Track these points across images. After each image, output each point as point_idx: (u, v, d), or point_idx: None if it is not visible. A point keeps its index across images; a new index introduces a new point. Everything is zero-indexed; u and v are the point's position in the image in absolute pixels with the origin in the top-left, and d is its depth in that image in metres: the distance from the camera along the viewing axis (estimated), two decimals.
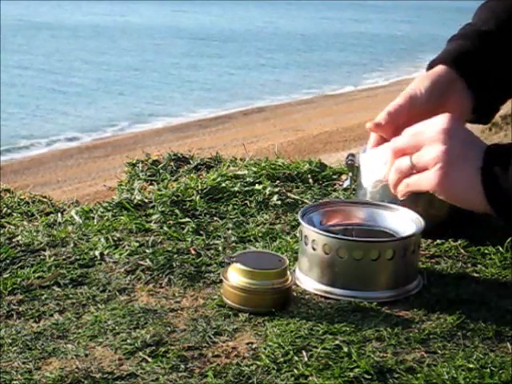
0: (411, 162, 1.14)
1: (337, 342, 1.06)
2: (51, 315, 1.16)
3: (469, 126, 1.26)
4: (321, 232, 1.21)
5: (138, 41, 26.16)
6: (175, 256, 1.33)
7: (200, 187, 1.63)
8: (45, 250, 1.37)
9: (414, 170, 1.14)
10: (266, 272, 1.16)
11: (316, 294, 1.20)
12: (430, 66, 1.34)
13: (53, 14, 33.64)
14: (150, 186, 1.77)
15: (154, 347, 1.06)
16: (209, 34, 28.46)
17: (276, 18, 35.71)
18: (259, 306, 1.15)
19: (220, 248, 1.37)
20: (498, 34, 1.32)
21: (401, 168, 1.16)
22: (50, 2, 36.66)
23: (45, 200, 1.76)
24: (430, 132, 1.13)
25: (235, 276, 1.16)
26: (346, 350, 1.04)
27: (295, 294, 1.20)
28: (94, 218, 1.52)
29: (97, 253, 1.36)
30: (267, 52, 24.35)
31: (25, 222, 1.58)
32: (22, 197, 1.78)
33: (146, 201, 1.59)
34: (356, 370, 1.00)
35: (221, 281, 1.20)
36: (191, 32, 28.83)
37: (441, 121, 1.13)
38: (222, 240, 1.41)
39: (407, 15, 37.19)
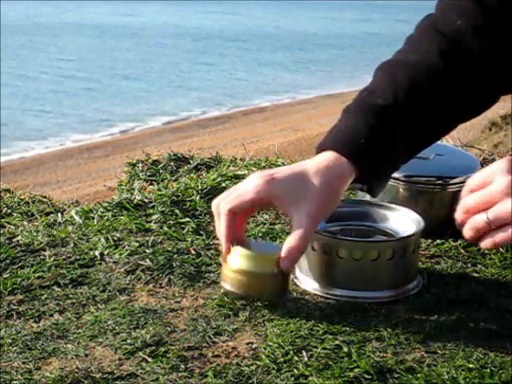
0: (488, 218, 1.08)
1: (337, 342, 1.06)
2: (51, 315, 1.16)
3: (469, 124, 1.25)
4: (320, 232, 1.21)
5: (139, 40, 26.17)
6: (175, 256, 1.33)
7: (200, 187, 1.63)
8: (45, 250, 1.37)
9: (491, 225, 1.08)
10: (266, 257, 1.16)
11: (316, 294, 1.20)
12: (322, 149, 1.20)
13: (54, 14, 33.67)
14: (150, 186, 1.77)
15: (154, 347, 1.06)
16: (210, 34, 28.47)
17: (277, 18, 35.70)
18: (258, 292, 1.15)
19: (220, 248, 1.37)
20: (394, 108, 1.20)
21: (477, 226, 1.10)
22: (51, 2, 36.68)
23: (45, 200, 1.76)
24: (499, 184, 1.07)
25: (236, 259, 1.16)
26: (345, 349, 1.04)
27: (295, 294, 1.21)
28: (94, 217, 1.52)
29: (97, 253, 1.36)
30: (267, 52, 24.35)
31: (25, 222, 1.58)
32: (22, 197, 1.77)
33: (146, 201, 1.59)
34: (356, 369, 1.00)
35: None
36: (193, 32, 28.84)
37: (505, 169, 1.08)
38: None
39: (410, 15, 37.20)
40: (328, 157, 1.18)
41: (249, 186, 1.16)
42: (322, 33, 29.83)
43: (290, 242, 1.15)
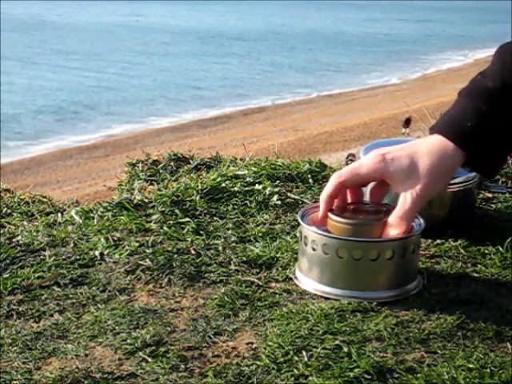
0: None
1: (337, 342, 1.06)
2: (51, 315, 1.16)
3: None
4: (320, 232, 1.21)
5: (141, 40, 26.18)
6: (175, 256, 1.33)
7: (200, 187, 1.63)
8: (45, 250, 1.38)
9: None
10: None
11: (316, 294, 1.20)
12: (432, 132, 1.26)
13: (57, 14, 33.75)
14: (150, 186, 1.77)
15: (154, 347, 1.06)
16: (212, 33, 28.48)
17: (279, 17, 35.71)
18: None
19: (220, 248, 1.37)
20: (502, 92, 1.22)
21: None
22: (55, 2, 36.73)
23: (45, 200, 1.76)
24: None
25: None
26: (345, 350, 1.04)
27: (295, 295, 1.21)
28: (94, 217, 1.52)
29: (97, 253, 1.36)
30: (268, 51, 24.35)
31: (25, 222, 1.58)
32: (22, 197, 1.78)
33: (146, 201, 1.59)
34: (356, 369, 1.00)
35: (221, 281, 1.20)
36: (194, 31, 28.85)
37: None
38: (222, 240, 1.41)
39: (413, 16, 37.17)
40: (438, 140, 1.23)
41: (363, 164, 1.24)
42: (324, 32, 29.80)
43: (392, 220, 1.21)
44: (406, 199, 1.20)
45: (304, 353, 1.04)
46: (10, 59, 20.53)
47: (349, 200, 1.27)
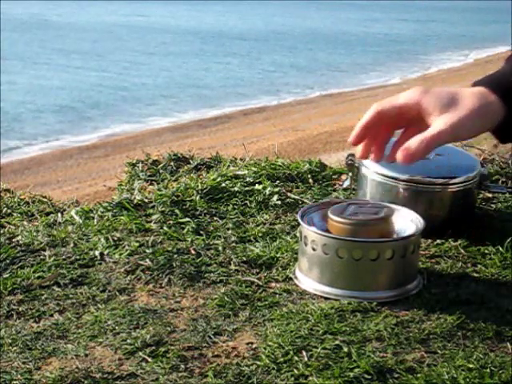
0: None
1: (337, 342, 1.06)
2: (51, 315, 1.16)
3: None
4: (320, 232, 1.21)
5: (142, 41, 26.19)
6: (175, 256, 1.33)
7: (200, 187, 1.63)
8: (45, 250, 1.38)
9: None
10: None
11: (316, 294, 1.20)
12: (474, 85, 1.23)
13: (58, 13, 33.78)
14: (150, 186, 1.77)
15: (154, 347, 1.06)
16: (211, 33, 28.49)
17: (279, 17, 35.72)
18: None
19: (220, 248, 1.37)
20: None
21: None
22: (55, 2, 36.76)
23: (45, 200, 1.76)
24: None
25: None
26: (345, 350, 1.04)
27: (295, 295, 1.21)
28: (94, 217, 1.52)
29: (97, 253, 1.36)
30: (268, 51, 24.35)
31: (25, 222, 1.58)
32: (22, 197, 1.78)
33: (146, 201, 1.59)
34: (356, 369, 1.00)
35: (221, 281, 1.20)
36: (194, 31, 28.87)
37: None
38: (222, 240, 1.41)
39: (413, 16, 37.15)
40: (480, 89, 1.19)
41: (403, 94, 1.19)
42: (324, 32, 29.81)
43: (416, 138, 1.11)
44: (436, 125, 1.12)
45: (304, 353, 1.04)
46: (10, 59, 20.53)
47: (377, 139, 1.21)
